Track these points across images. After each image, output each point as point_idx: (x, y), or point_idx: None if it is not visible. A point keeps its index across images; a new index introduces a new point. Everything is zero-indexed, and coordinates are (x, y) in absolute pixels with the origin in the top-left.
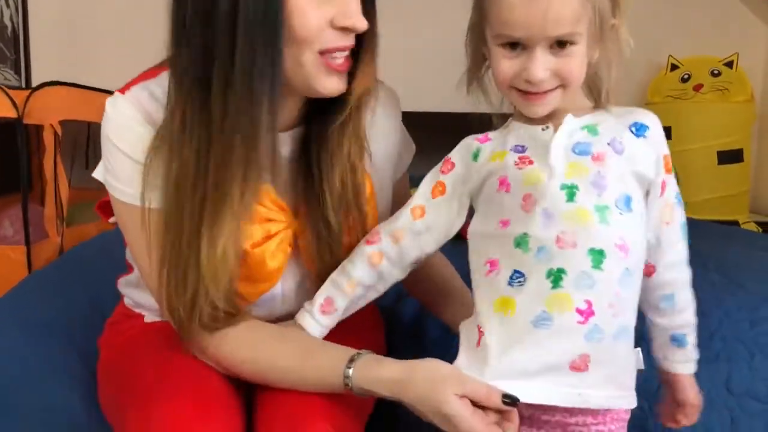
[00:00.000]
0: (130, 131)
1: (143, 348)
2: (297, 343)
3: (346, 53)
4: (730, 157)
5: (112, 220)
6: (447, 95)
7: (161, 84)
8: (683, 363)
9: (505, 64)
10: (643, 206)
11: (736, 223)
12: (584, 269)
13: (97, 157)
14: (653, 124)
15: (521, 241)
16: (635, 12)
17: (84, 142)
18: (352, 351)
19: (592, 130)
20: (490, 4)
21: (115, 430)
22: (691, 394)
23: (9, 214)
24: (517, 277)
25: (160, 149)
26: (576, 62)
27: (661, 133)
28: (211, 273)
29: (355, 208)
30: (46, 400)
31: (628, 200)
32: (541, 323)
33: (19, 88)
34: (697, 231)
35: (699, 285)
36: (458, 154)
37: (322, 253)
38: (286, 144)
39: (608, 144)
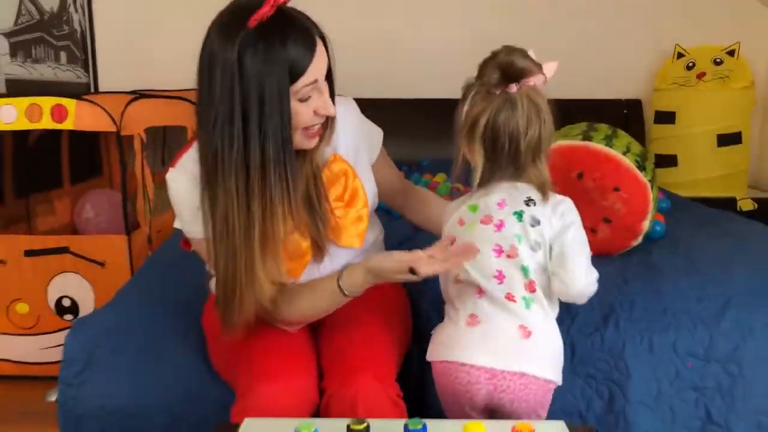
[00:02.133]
0: (185, 192)
1: None
2: (309, 287)
3: (318, 126)
4: (729, 139)
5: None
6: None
7: (193, 161)
8: None
9: None
10: None
11: (734, 199)
12: None
13: (171, 153)
14: None
15: None
16: (646, 2)
17: (161, 142)
18: (337, 272)
19: None
20: None
21: (230, 381)
22: None
23: (89, 200)
24: None
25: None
26: None
27: None
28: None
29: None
30: (176, 357)
31: None
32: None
33: (88, 85)
34: (684, 216)
35: (664, 267)
36: None
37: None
38: None
39: None
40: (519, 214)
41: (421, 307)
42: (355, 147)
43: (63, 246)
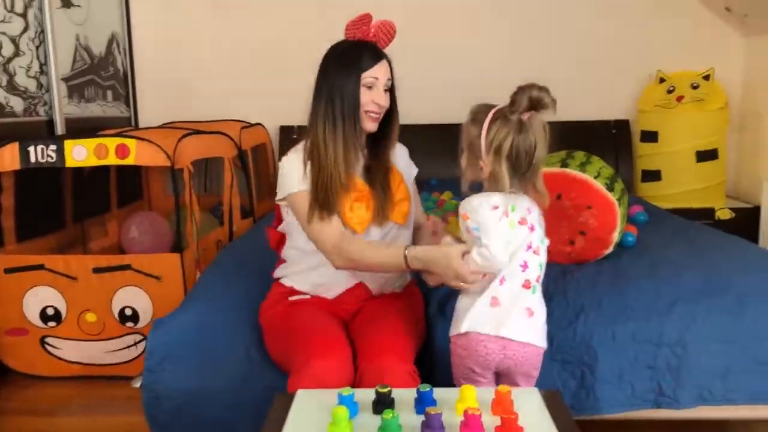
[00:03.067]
0: (294, 164)
1: (292, 316)
2: (383, 244)
3: (377, 114)
4: (707, 155)
5: (280, 227)
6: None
7: (301, 148)
8: None
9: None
10: None
11: (712, 209)
12: None
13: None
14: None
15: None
16: (630, 30)
17: (203, 172)
18: (403, 246)
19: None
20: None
21: (284, 366)
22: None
23: (134, 221)
24: None
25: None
26: None
27: None
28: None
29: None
30: (234, 349)
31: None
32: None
33: (129, 119)
34: (659, 227)
35: (629, 272)
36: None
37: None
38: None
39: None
40: (540, 223)
41: (428, 312)
42: (405, 168)
43: (126, 263)
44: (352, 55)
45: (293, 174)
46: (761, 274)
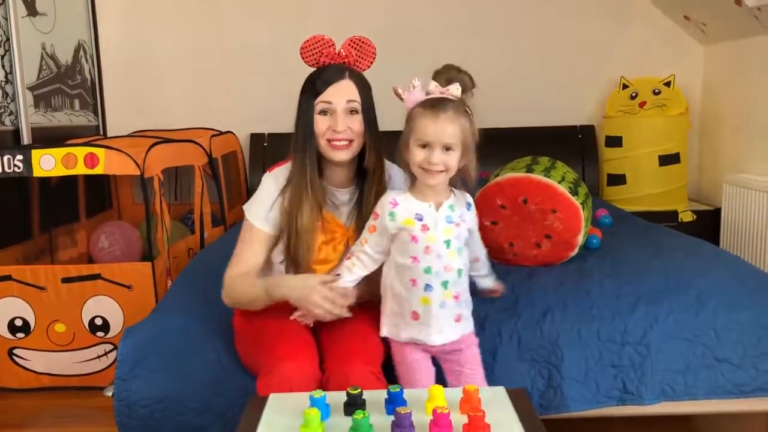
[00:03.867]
0: (266, 191)
1: (262, 321)
2: (250, 282)
3: (342, 141)
4: (669, 159)
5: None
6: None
7: (287, 168)
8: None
9: (419, 154)
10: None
11: (675, 212)
12: (455, 279)
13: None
14: (472, 202)
15: (428, 270)
16: (595, 38)
17: (174, 180)
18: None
19: (452, 208)
20: (416, 125)
21: (253, 369)
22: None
23: (104, 231)
24: (428, 287)
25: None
26: (453, 160)
27: (473, 206)
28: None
29: None
30: (205, 355)
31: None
32: (442, 306)
33: (97, 127)
34: (623, 230)
35: (594, 273)
36: (380, 210)
37: None
38: (346, 195)
39: (459, 216)
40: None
41: None
42: None
43: (96, 273)
44: (308, 81)
45: (261, 203)
46: (719, 274)
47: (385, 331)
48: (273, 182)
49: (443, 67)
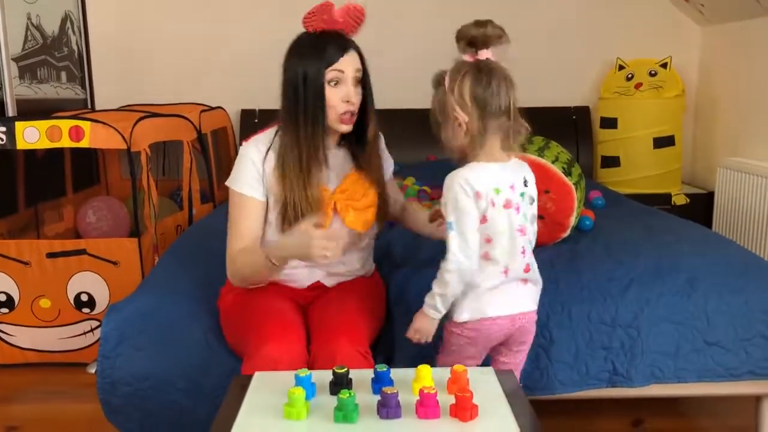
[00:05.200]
0: (248, 159)
1: (248, 301)
2: (251, 255)
3: (351, 114)
4: (663, 142)
5: None
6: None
7: (267, 136)
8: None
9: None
10: None
11: (669, 195)
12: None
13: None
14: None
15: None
16: (592, 18)
17: (162, 156)
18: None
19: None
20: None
21: (239, 351)
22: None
23: (91, 206)
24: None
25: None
26: None
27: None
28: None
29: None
30: (192, 335)
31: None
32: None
33: (85, 101)
34: (615, 212)
35: (585, 254)
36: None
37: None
38: (338, 158)
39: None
40: (528, 194)
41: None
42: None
43: (81, 248)
44: (314, 48)
45: (247, 172)
46: (711, 257)
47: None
48: (255, 150)
49: (472, 24)
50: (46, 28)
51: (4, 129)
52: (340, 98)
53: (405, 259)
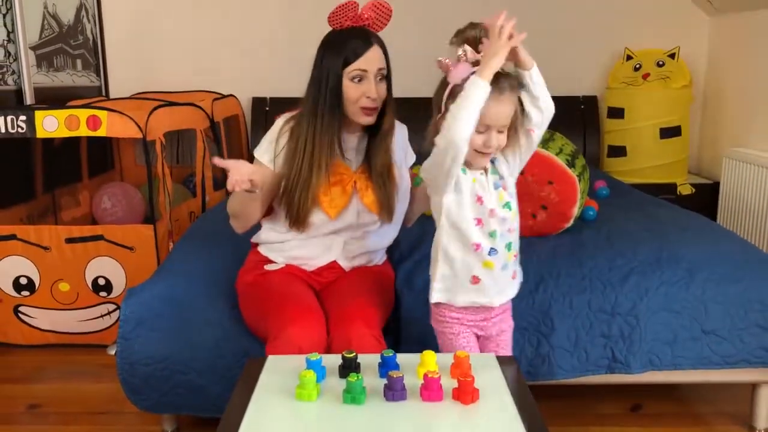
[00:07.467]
0: (272, 130)
1: (268, 284)
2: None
3: (373, 108)
4: (670, 132)
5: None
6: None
7: (293, 114)
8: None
9: (478, 139)
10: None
11: (674, 185)
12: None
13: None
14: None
15: (493, 233)
16: (600, 8)
17: (176, 143)
18: None
19: (493, 171)
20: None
21: (259, 333)
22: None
23: (107, 191)
24: (492, 251)
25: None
26: (504, 139)
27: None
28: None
29: (386, 175)
30: (207, 316)
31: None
32: (504, 268)
33: (99, 88)
34: (620, 201)
35: (588, 244)
36: None
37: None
38: (354, 140)
39: (501, 178)
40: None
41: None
42: (399, 158)
43: (99, 234)
44: (337, 46)
45: (272, 143)
46: (710, 248)
47: (437, 297)
48: (281, 122)
49: (467, 26)
50: (62, 17)
51: (24, 118)
52: (362, 93)
53: (411, 251)
